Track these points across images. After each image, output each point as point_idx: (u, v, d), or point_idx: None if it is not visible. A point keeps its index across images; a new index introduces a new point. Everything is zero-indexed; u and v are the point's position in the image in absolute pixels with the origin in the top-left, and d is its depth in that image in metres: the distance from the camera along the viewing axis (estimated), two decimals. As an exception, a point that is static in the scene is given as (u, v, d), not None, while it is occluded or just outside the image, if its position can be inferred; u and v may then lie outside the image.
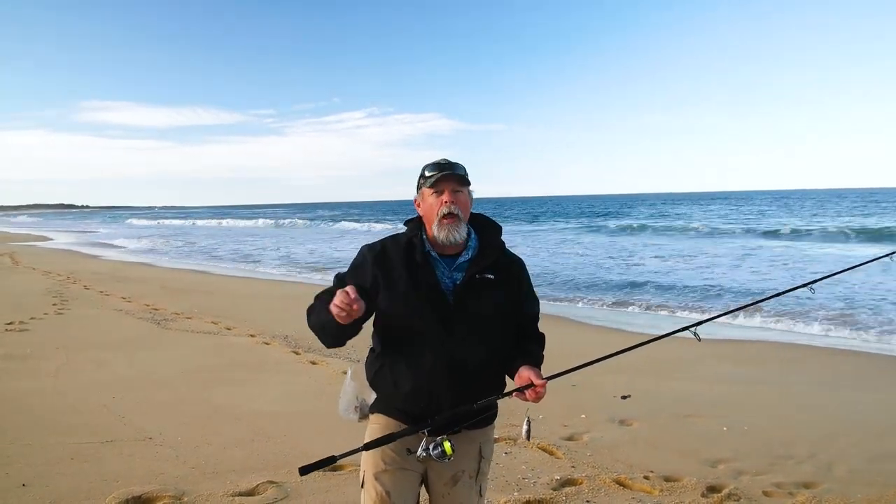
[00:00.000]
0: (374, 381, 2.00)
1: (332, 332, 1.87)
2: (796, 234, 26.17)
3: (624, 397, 5.24)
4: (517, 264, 2.05)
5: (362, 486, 1.97)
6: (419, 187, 1.98)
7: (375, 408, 2.02)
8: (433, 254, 1.94)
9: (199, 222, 60.70)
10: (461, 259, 1.95)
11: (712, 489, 3.55)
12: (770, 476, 3.73)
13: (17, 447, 3.90)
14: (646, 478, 3.66)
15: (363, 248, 2.00)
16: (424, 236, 1.96)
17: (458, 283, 1.92)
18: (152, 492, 3.32)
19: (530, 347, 2.01)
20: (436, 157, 1.99)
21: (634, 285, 12.35)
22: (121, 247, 26.83)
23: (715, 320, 2.64)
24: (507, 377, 2.02)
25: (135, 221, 67.51)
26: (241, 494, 3.37)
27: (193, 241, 30.89)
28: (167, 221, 64.89)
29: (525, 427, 1.99)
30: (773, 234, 26.72)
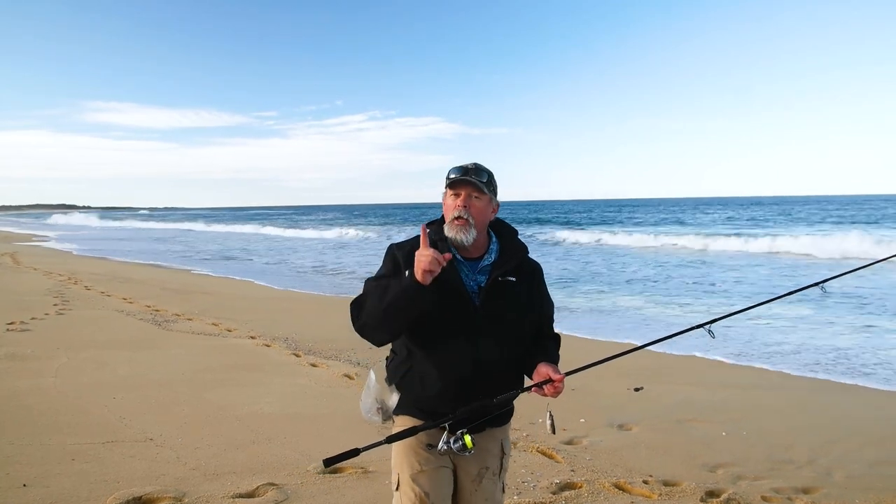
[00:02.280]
0: (400, 383, 2.00)
1: (400, 308, 1.80)
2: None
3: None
4: (537, 268, 2.12)
5: (396, 489, 1.98)
6: (446, 185, 2.03)
7: (401, 409, 2.01)
8: (457, 256, 1.98)
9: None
10: (484, 262, 2.00)
11: (711, 494, 3.55)
12: (769, 481, 3.74)
13: (18, 447, 3.91)
14: (645, 482, 3.67)
15: (391, 247, 2.04)
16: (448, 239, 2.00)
17: (482, 285, 1.97)
18: (153, 493, 3.33)
19: (547, 346, 2.07)
20: (438, 160, 2.02)
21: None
22: None
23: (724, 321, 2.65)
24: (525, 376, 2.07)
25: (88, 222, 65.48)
26: (241, 496, 3.38)
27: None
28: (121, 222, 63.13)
29: (549, 422, 2.03)
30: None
